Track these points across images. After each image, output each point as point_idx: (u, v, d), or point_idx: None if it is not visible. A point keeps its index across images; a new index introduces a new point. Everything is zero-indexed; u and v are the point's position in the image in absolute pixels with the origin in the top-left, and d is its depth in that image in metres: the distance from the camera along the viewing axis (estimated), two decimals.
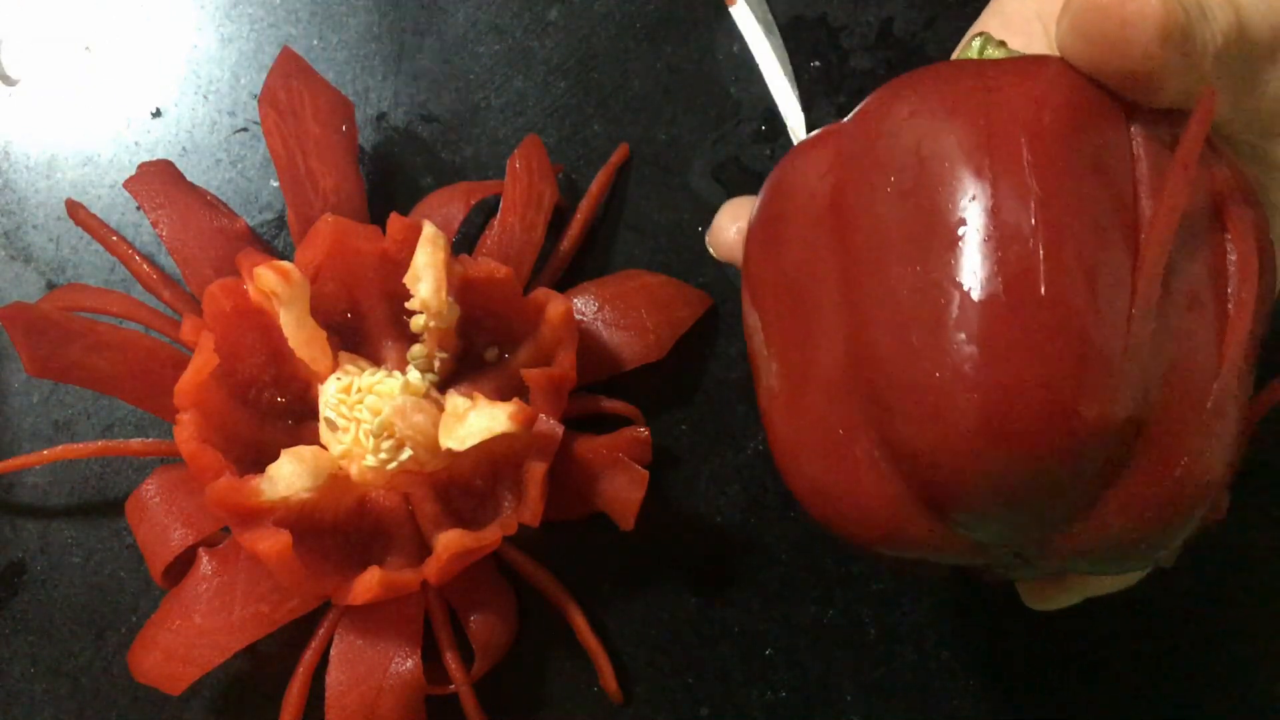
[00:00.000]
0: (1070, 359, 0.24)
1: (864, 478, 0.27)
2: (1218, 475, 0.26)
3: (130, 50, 0.44)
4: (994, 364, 0.25)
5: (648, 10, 0.44)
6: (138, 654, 0.36)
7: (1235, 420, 0.26)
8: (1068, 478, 0.25)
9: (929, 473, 0.26)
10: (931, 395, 0.25)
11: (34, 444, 0.41)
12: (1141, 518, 0.26)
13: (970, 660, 0.39)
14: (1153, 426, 0.25)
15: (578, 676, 0.39)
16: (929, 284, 0.26)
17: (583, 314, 0.40)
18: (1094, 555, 0.27)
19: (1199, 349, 0.26)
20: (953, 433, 0.25)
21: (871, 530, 0.28)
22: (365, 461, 0.37)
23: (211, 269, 0.39)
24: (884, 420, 0.26)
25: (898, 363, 0.26)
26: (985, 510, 0.26)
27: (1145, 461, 0.26)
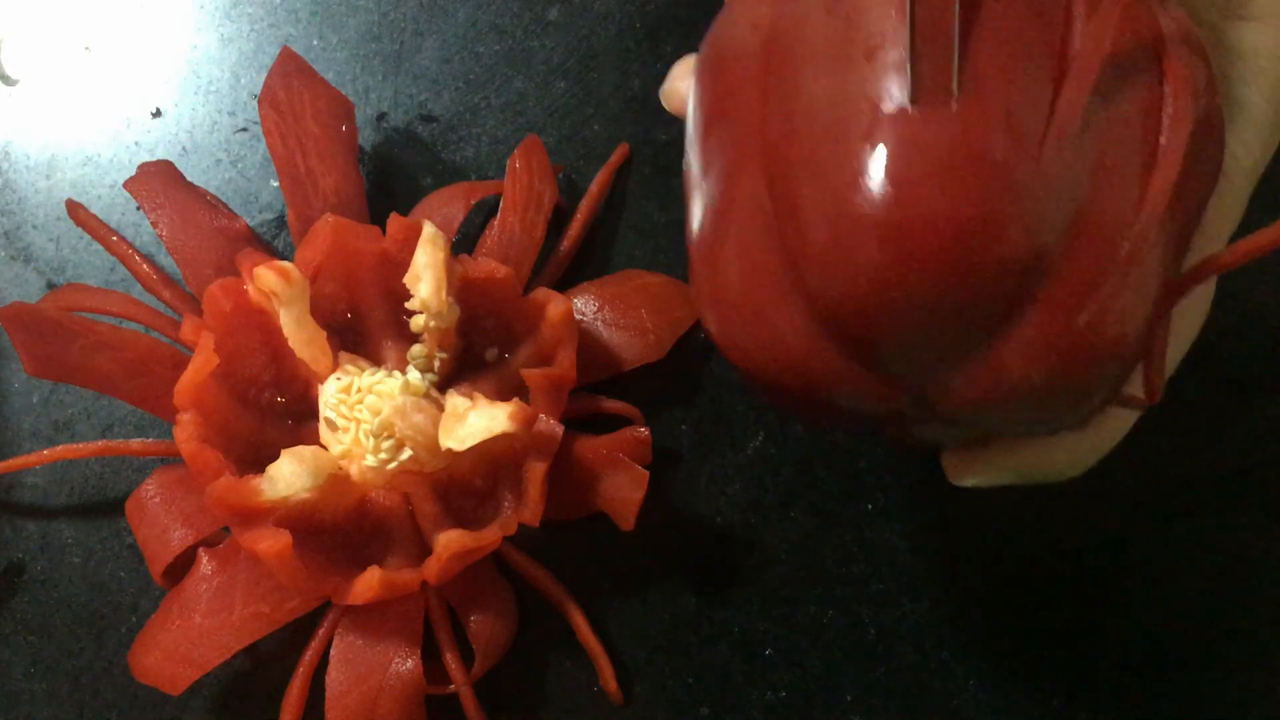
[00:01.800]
0: (976, 181, 0.24)
1: (776, 314, 0.27)
2: (1129, 331, 0.25)
3: (130, 50, 0.44)
4: (900, 181, 0.24)
5: (648, 10, 0.44)
6: (138, 654, 0.36)
7: (1154, 275, 0.25)
8: (967, 307, 0.24)
9: (832, 298, 0.25)
10: (835, 215, 0.25)
11: (34, 444, 0.41)
12: (1042, 362, 0.25)
13: (970, 660, 0.39)
14: (1061, 264, 0.25)
15: (578, 676, 0.39)
16: (840, 97, 0.25)
17: (583, 314, 0.40)
18: (995, 403, 0.26)
19: (1119, 194, 0.25)
20: (853, 253, 0.24)
21: (781, 369, 0.27)
22: (365, 461, 0.37)
23: (211, 269, 0.39)
24: (794, 246, 0.26)
25: (804, 183, 0.25)
26: (884, 339, 0.25)
27: (1049, 302, 0.25)
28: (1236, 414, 0.40)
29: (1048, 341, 0.25)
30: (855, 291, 0.25)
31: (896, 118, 0.24)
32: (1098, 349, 0.25)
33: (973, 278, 0.24)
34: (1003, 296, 0.25)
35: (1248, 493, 0.40)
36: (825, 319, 0.26)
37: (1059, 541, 0.40)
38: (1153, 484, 0.40)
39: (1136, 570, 0.39)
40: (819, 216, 0.25)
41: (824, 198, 0.25)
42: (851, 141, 0.25)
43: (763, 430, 0.41)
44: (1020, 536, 0.40)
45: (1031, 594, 0.39)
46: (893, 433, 0.30)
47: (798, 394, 0.28)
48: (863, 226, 0.24)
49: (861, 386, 0.27)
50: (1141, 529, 0.40)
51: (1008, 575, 0.40)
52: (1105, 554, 0.40)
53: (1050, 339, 0.25)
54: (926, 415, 0.28)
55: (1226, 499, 0.40)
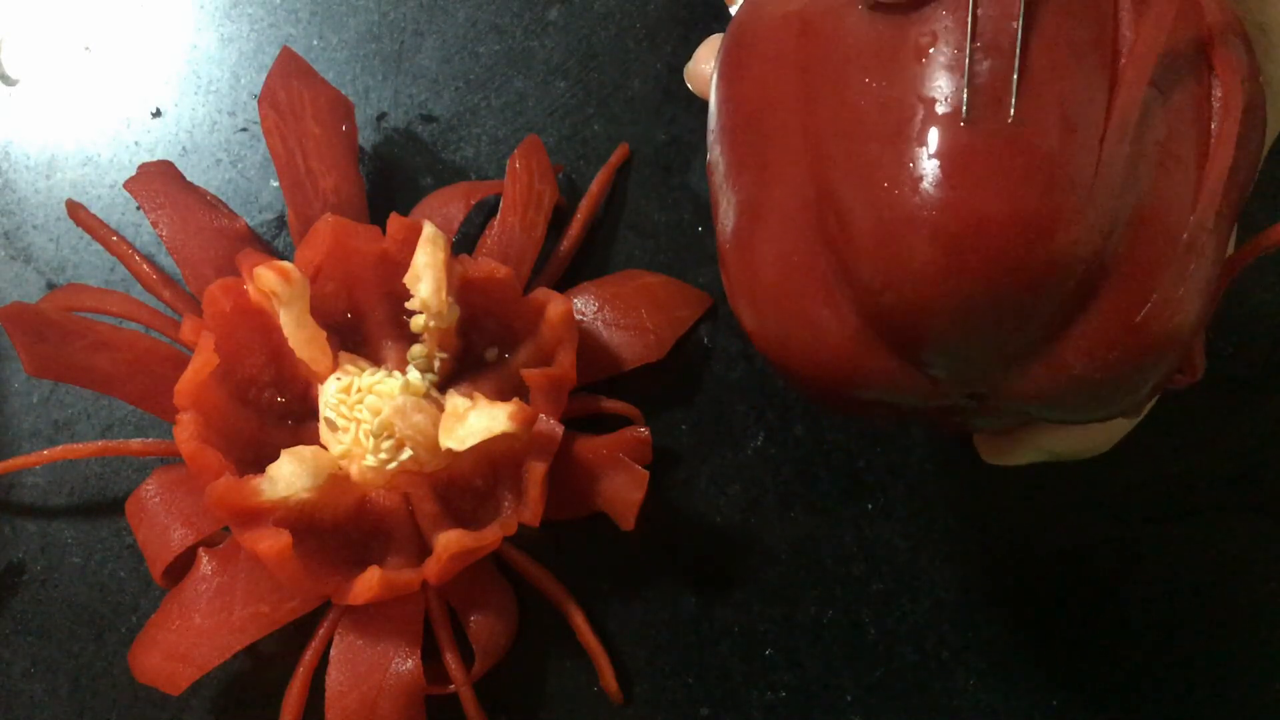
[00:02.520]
0: (1037, 184, 0.23)
1: (821, 312, 0.26)
2: (1188, 321, 0.25)
3: (130, 50, 0.44)
4: (956, 185, 0.24)
5: (648, 10, 0.44)
6: (138, 654, 0.36)
7: (1210, 265, 0.25)
8: (1027, 309, 0.24)
9: (886, 300, 0.25)
10: (891, 217, 0.24)
11: (34, 444, 0.41)
12: (1103, 359, 0.25)
13: (970, 660, 0.39)
14: (1121, 262, 0.24)
15: (578, 676, 0.39)
16: (892, 100, 0.24)
17: (583, 314, 0.40)
18: (1052, 399, 0.26)
19: (1176, 186, 0.25)
20: (911, 256, 0.24)
21: (827, 367, 0.27)
22: (365, 461, 0.37)
23: (211, 269, 0.39)
24: (842, 246, 0.25)
25: (856, 183, 0.25)
26: (942, 342, 0.25)
27: (1110, 299, 0.24)
28: (1236, 414, 0.40)
29: (1110, 338, 0.24)
30: (912, 293, 0.24)
31: (952, 118, 0.24)
32: (1158, 341, 0.25)
33: (1033, 278, 0.24)
34: (1064, 296, 0.24)
35: (1248, 493, 0.40)
36: (877, 319, 0.25)
37: (1059, 542, 0.40)
38: (1153, 484, 0.40)
39: (1136, 570, 0.40)
40: (873, 216, 0.25)
41: (878, 197, 0.24)
42: (906, 142, 0.24)
43: (763, 430, 0.41)
44: (1020, 537, 0.40)
45: (1031, 594, 0.39)
46: (935, 425, 0.30)
47: (839, 391, 0.27)
48: (919, 226, 0.24)
49: (913, 385, 0.26)
50: (1141, 529, 0.40)
51: (1008, 575, 0.40)
52: (1105, 554, 0.40)
53: (1112, 336, 0.24)
54: (978, 409, 0.27)
55: (1226, 499, 0.40)
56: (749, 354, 0.41)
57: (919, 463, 0.40)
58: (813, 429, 0.41)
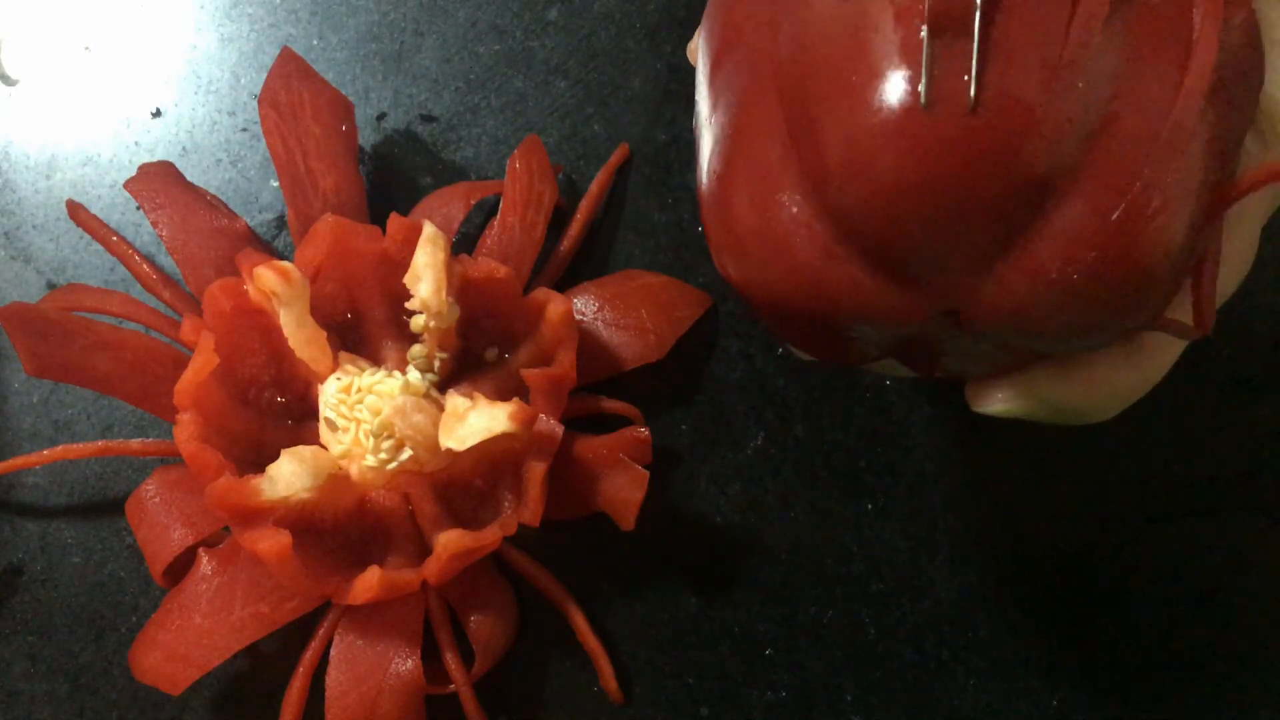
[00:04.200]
0: (1002, 61, 0.23)
1: (796, 234, 0.26)
2: (1171, 230, 0.24)
3: (130, 50, 0.44)
4: (916, 82, 0.24)
5: (648, 10, 0.44)
6: (138, 654, 0.36)
7: (1194, 173, 0.24)
8: (993, 200, 0.24)
9: (854, 202, 0.25)
10: (857, 120, 0.24)
11: (34, 444, 0.41)
12: (1078, 260, 0.24)
13: (970, 660, 0.39)
14: (1095, 156, 0.24)
15: (578, 676, 0.39)
16: (857, 16, 0.25)
17: (583, 314, 0.40)
18: (1029, 312, 0.25)
19: (1154, 85, 0.24)
20: (878, 155, 0.24)
21: (804, 291, 0.26)
22: (365, 461, 0.37)
23: (211, 269, 0.39)
24: (813, 160, 0.25)
25: (823, 95, 0.25)
26: (911, 240, 0.25)
27: (1085, 194, 0.24)
28: (1236, 414, 0.40)
29: (1083, 237, 0.24)
30: (879, 195, 0.24)
31: (911, 20, 0.24)
32: (1137, 247, 0.24)
33: (998, 170, 0.23)
34: (1031, 189, 0.24)
35: (1248, 493, 0.40)
36: (848, 230, 0.25)
37: (1059, 542, 0.40)
38: (1153, 484, 0.40)
39: (1136, 570, 0.40)
40: (839, 129, 0.25)
41: (843, 111, 0.24)
42: (871, 57, 0.24)
43: (763, 430, 0.41)
44: (1020, 537, 0.40)
45: (1031, 594, 0.39)
46: (919, 361, 0.29)
47: (820, 323, 0.27)
48: (884, 132, 0.24)
49: (888, 301, 0.26)
50: (1141, 529, 0.40)
51: (1008, 575, 0.40)
52: (1105, 554, 0.40)
53: (1086, 234, 0.24)
54: (957, 332, 0.27)
55: (1226, 499, 0.40)
56: (749, 354, 0.41)
57: (919, 463, 0.40)
58: (813, 429, 0.41)
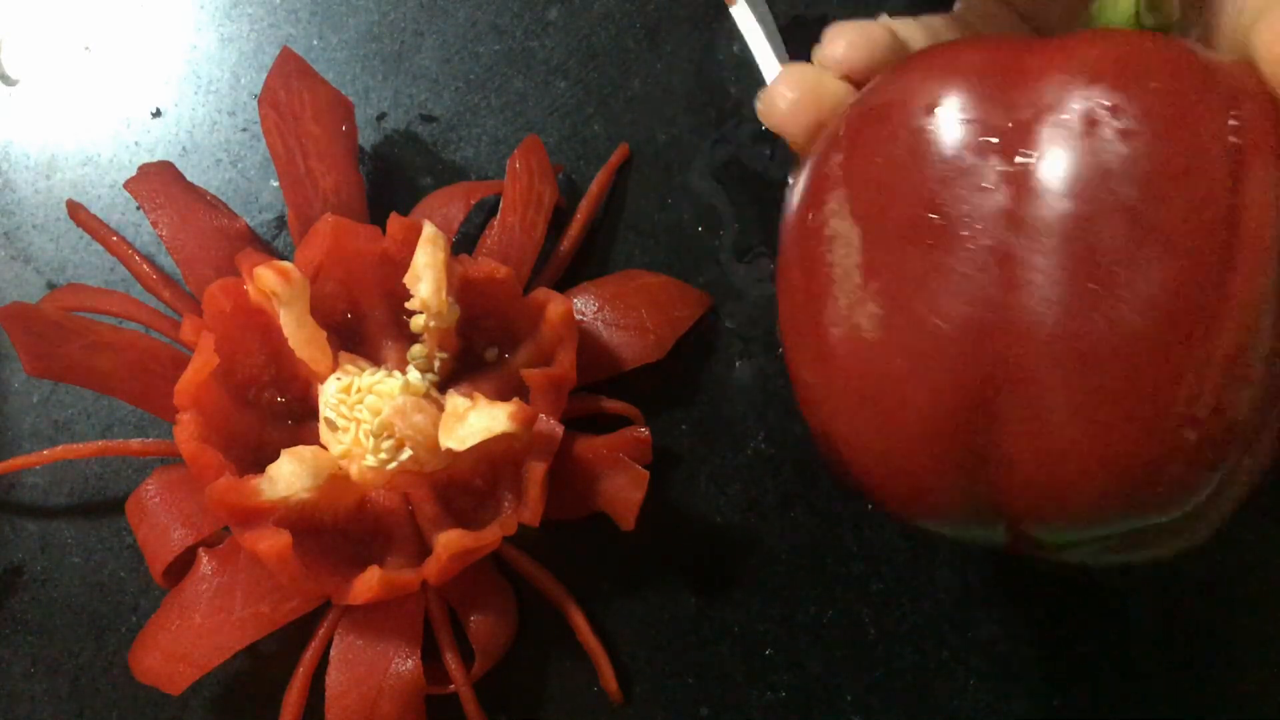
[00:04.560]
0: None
1: (942, 471, 0.26)
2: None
3: (130, 50, 0.44)
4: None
5: (648, 10, 0.44)
6: (138, 654, 0.36)
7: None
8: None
9: (1028, 497, 0.26)
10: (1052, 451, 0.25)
11: (34, 444, 0.41)
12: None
13: (970, 660, 0.39)
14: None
15: (578, 676, 0.39)
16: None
17: (583, 314, 0.40)
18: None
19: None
20: (1067, 483, 0.25)
21: (914, 508, 0.27)
22: (365, 461, 0.37)
23: (211, 269, 0.39)
24: (993, 425, 0.25)
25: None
26: (1056, 540, 0.26)
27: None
28: None
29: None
30: (1052, 512, 0.26)
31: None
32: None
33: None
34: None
35: None
36: (1000, 508, 0.26)
37: None
38: None
39: (1136, 570, 0.39)
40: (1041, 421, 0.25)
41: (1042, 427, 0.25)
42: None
43: (763, 430, 0.41)
44: None
45: (1032, 594, 0.39)
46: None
47: (904, 509, 0.28)
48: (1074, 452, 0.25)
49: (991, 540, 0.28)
50: None
51: (1008, 575, 0.40)
52: None
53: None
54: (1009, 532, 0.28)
55: None
56: (749, 354, 0.41)
57: None
58: None
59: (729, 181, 0.43)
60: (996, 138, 0.25)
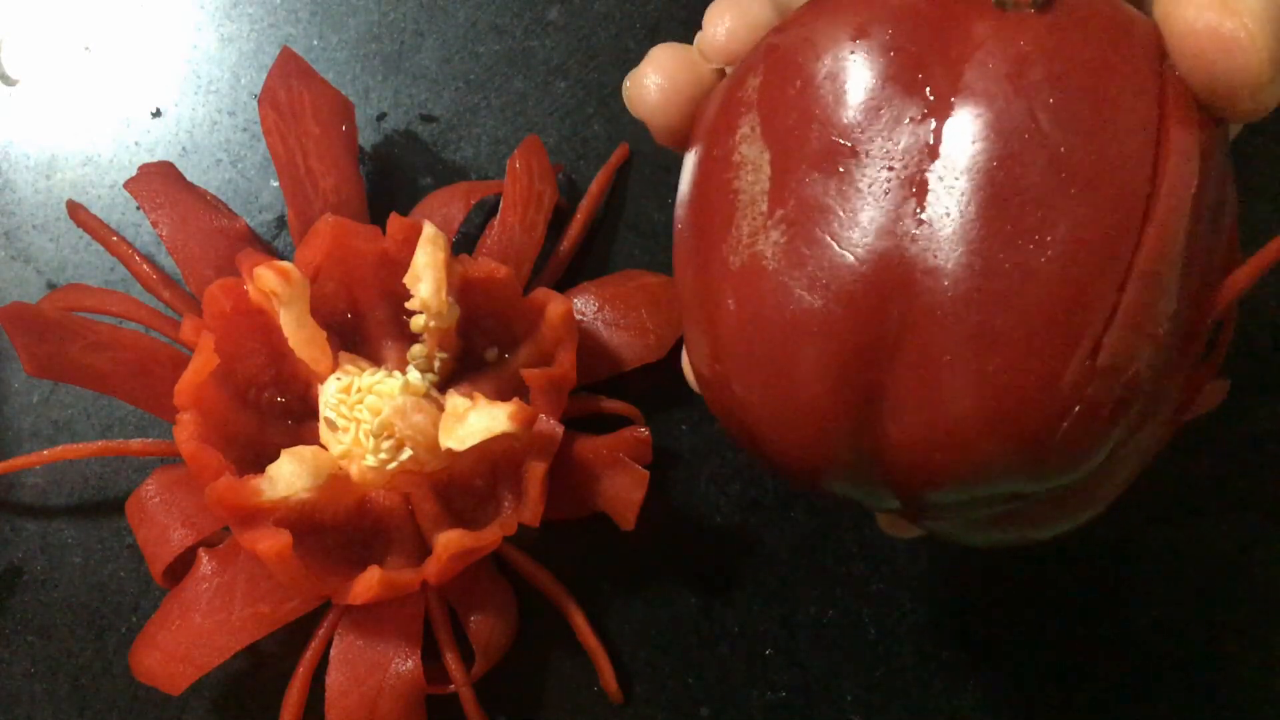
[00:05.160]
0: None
1: (834, 417, 0.25)
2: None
3: (130, 50, 0.44)
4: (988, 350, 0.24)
5: (648, 10, 0.44)
6: (138, 654, 0.36)
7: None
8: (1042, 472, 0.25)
9: (906, 462, 0.25)
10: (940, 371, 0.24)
11: (34, 444, 0.41)
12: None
13: (970, 660, 0.39)
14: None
15: (578, 676, 0.39)
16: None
17: (583, 314, 0.40)
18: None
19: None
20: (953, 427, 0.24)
21: (797, 452, 0.26)
22: (365, 461, 0.37)
23: (211, 269, 0.39)
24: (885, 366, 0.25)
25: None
26: (942, 498, 0.25)
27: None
28: (1236, 415, 0.40)
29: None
30: (939, 461, 0.25)
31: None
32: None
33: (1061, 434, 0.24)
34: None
35: (1248, 493, 0.40)
36: (886, 462, 0.26)
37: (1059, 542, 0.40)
38: (1153, 484, 0.40)
39: (1136, 570, 0.39)
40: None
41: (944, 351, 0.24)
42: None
43: None
44: None
45: (1032, 594, 0.39)
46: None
47: (795, 468, 0.27)
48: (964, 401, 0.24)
49: (882, 503, 0.27)
50: (1141, 529, 0.40)
51: (1008, 575, 0.40)
52: (1105, 554, 0.40)
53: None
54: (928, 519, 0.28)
55: (1226, 499, 0.40)
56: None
57: None
58: None
59: None
60: (921, 71, 0.25)
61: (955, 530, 0.29)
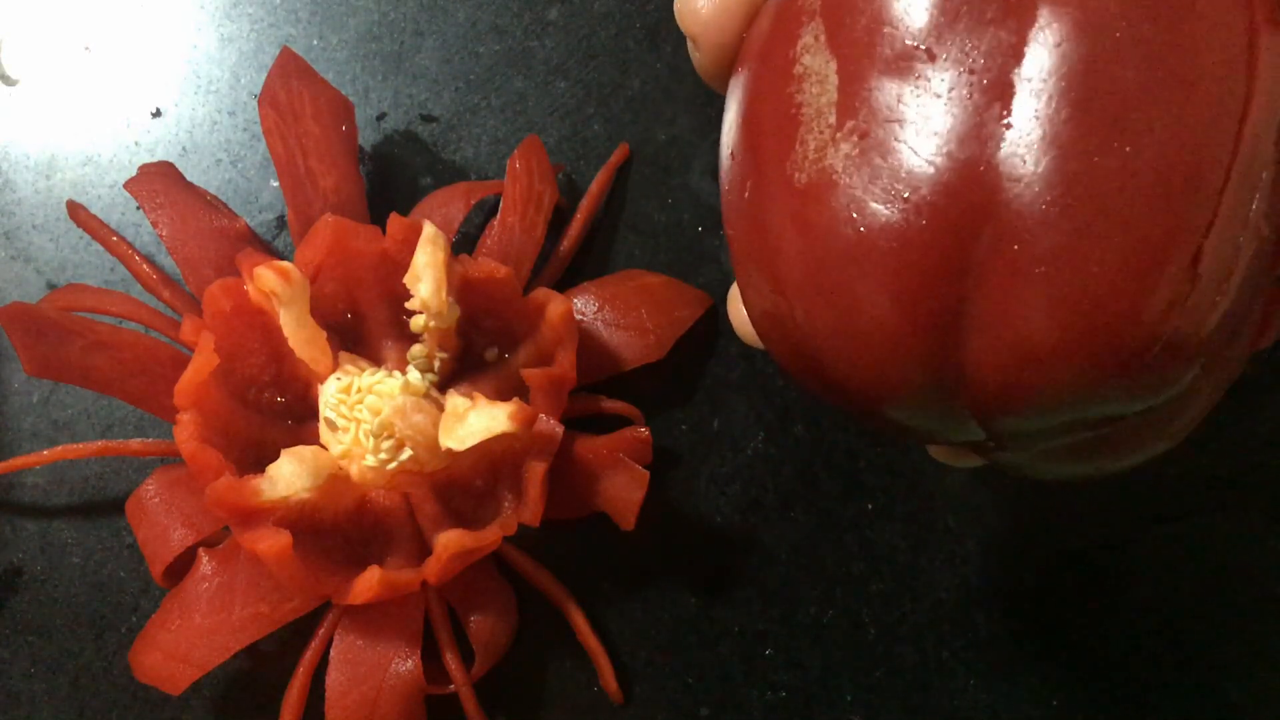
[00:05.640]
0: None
1: (910, 334, 0.23)
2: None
3: (130, 50, 0.44)
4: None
5: (648, 10, 0.44)
6: (138, 654, 0.36)
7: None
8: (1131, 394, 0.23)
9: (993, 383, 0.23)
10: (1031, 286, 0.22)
11: (34, 444, 0.41)
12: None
13: (970, 660, 0.39)
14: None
15: (578, 676, 0.39)
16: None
17: (583, 314, 0.40)
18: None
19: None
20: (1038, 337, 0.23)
21: (868, 377, 0.25)
22: (365, 461, 0.37)
23: (211, 269, 0.39)
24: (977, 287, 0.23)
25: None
26: (1023, 423, 0.24)
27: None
28: (1235, 415, 0.40)
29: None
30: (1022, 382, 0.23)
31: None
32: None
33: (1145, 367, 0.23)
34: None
35: (1248, 493, 0.40)
36: (968, 385, 0.24)
37: (1059, 542, 0.40)
38: (1153, 484, 0.40)
39: (1136, 570, 0.40)
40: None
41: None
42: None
43: (763, 430, 0.41)
44: (1020, 537, 0.40)
45: (1032, 594, 0.40)
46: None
47: (861, 404, 0.26)
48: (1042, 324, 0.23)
49: (958, 434, 0.25)
50: (1141, 529, 0.40)
51: (1008, 575, 0.40)
52: (1105, 554, 0.40)
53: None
54: (1000, 451, 0.26)
55: (1226, 499, 0.40)
56: (749, 354, 0.41)
57: (919, 463, 0.40)
58: (813, 429, 0.41)
59: None
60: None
61: (1028, 462, 0.27)
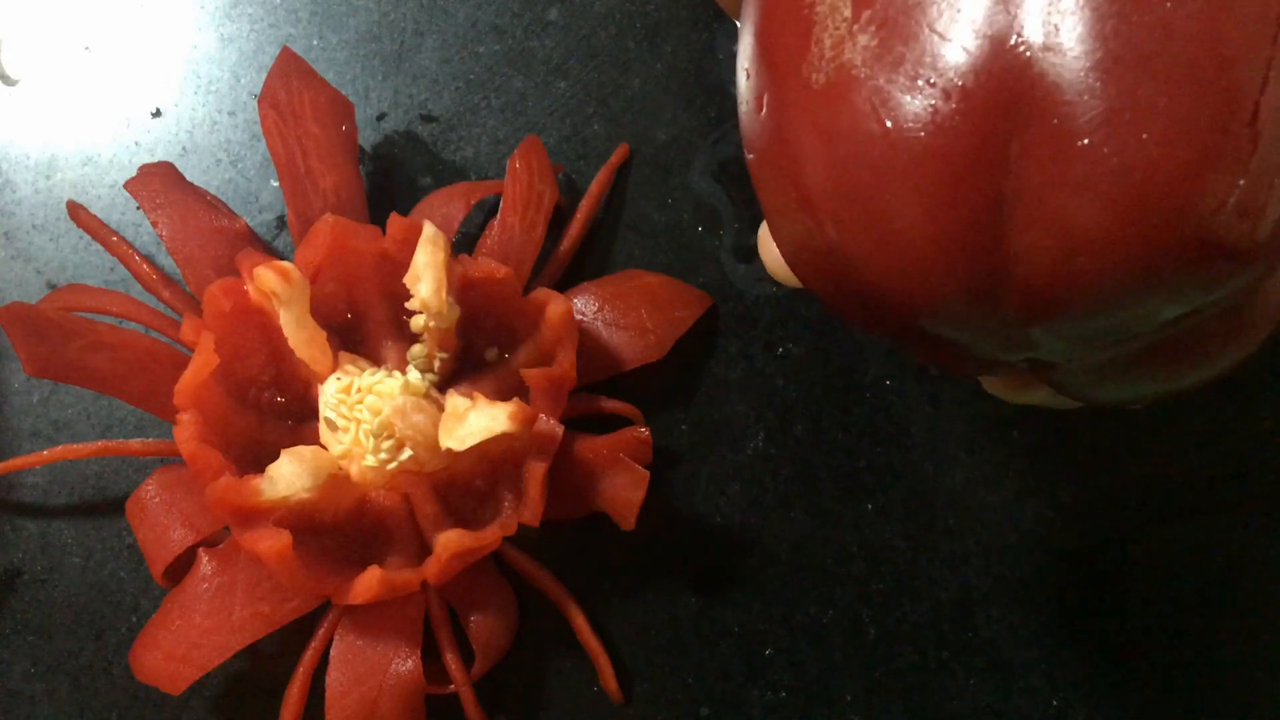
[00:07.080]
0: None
1: (947, 235, 0.22)
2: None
3: (130, 50, 0.44)
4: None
5: (648, 10, 0.44)
6: (138, 654, 0.36)
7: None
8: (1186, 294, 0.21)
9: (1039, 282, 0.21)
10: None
11: (34, 444, 0.41)
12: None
13: (970, 660, 0.39)
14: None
15: (578, 676, 0.39)
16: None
17: (583, 314, 0.40)
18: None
19: None
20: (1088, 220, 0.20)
21: (908, 285, 0.23)
22: (365, 461, 0.37)
23: (211, 269, 0.39)
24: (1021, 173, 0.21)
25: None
26: (1095, 317, 0.22)
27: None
28: (1235, 415, 0.40)
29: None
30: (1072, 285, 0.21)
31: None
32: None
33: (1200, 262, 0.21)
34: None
35: (1248, 493, 0.40)
36: (1016, 290, 0.22)
37: (1059, 542, 0.40)
38: (1153, 484, 0.40)
39: (1136, 570, 0.40)
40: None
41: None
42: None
43: (762, 430, 0.41)
44: (1020, 537, 0.40)
45: (1031, 594, 0.39)
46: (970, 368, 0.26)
47: (900, 315, 0.24)
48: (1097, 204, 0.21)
49: (997, 344, 0.23)
50: (1141, 529, 0.40)
51: (1007, 576, 0.40)
52: (1105, 554, 0.40)
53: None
54: (1038, 374, 0.25)
55: (1226, 499, 0.40)
56: (749, 354, 0.41)
57: (919, 463, 0.40)
58: (813, 429, 0.41)
59: (729, 181, 0.43)
60: None
61: (1084, 382, 0.25)
